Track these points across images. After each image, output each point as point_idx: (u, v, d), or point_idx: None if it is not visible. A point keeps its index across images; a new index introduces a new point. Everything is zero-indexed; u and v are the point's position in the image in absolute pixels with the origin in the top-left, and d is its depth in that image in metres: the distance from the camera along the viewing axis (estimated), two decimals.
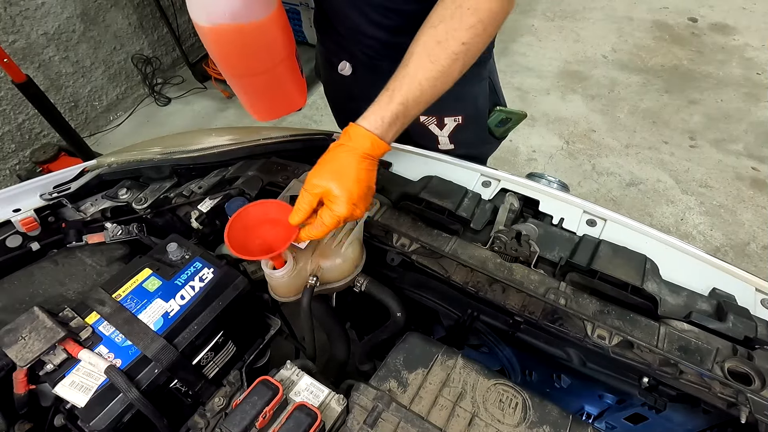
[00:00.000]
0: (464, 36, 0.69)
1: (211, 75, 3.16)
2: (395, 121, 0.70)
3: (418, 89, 0.70)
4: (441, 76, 0.71)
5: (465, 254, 0.82)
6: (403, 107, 0.70)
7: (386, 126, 0.70)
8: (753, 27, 3.49)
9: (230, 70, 0.88)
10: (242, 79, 0.90)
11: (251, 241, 0.72)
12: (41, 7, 2.56)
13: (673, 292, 0.77)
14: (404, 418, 0.64)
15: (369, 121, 0.70)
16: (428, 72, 0.70)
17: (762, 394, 0.64)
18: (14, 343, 0.62)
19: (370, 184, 0.71)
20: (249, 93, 0.94)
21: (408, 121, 0.72)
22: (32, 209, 0.95)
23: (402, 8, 0.90)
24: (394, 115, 0.70)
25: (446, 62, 0.70)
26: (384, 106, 0.70)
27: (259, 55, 0.84)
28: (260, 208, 0.74)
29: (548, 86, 3.17)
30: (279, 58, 0.87)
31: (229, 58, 0.85)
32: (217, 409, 0.72)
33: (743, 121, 2.82)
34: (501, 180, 0.96)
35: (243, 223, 0.72)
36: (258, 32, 0.80)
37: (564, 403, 0.70)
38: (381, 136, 0.69)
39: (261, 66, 0.87)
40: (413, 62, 0.70)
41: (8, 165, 2.70)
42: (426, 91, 0.71)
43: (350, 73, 1.08)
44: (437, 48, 0.69)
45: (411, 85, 0.70)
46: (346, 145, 0.69)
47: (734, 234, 2.29)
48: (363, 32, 0.97)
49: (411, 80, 0.70)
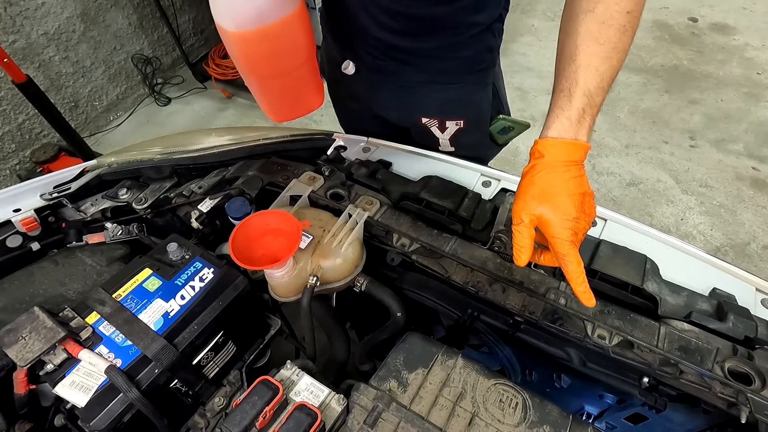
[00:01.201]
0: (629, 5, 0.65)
1: (211, 75, 3.16)
2: (583, 116, 0.65)
3: (596, 76, 0.65)
4: (614, 53, 0.66)
5: (465, 254, 0.82)
6: (587, 98, 0.65)
7: (575, 125, 0.64)
8: (753, 27, 3.49)
9: (254, 73, 0.88)
10: (264, 81, 0.91)
11: (255, 251, 0.73)
12: (41, 7, 2.56)
13: (674, 292, 0.77)
14: (404, 418, 0.64)
15: (555, 129, 0.65)
16: (600, 54, 0.65)
17: (762, 394, 0.64)
18: (14, 343, 0.62)
19: (583, 190, 0.63)
20: (269, 95, 0.94)
21: (596, 110, 0.66)
22: (32, 209, 0.95)
23: (411, 12, 0.90)
24: (580, 110, 0.64)
25: (615, 37, 0.65)
26: (565, 106, 0.65)
27: (283, 56, 0.84)
28: (262, 218, 0.75)
29: (548, 86, 3.16)
30: (302, 58, 0.87)
31: (254, 60, 0.84)
32: (217, 409, 0.72)
33: (743, 121, 2.82)
34: (501, 180, 0.96)
35: (246, 233, 0.73)
36: (283, 31, 0.79)
37: (564, 403, 0.70)
38: (574, 137, 0.64)
39: (285, 67, 0.87)
40: (581, 53, 0.65)
41: (8, 165, 2.70)
42: (605, 73, 0.65)
43: (353, 72, 1.08)
44: (602, 28, 0.65)
45: (587, 74, 0.65)
46: (543, 164, 0.64)
47: (734, 234, 2.29)
48: (369, 33, 0.97)
49: (585, 70, 0.65)
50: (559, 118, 0.65)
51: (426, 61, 0.99)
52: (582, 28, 0.66)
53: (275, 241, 0.74)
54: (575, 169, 0.64)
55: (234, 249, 0.69)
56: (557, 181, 0.62)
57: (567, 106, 0.65)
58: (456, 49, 0.96)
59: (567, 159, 0.63)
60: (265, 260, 0.71)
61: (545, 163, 0.64)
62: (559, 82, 0.67)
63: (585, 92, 0.64)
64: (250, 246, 0.73)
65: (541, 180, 0.63)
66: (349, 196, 0.94)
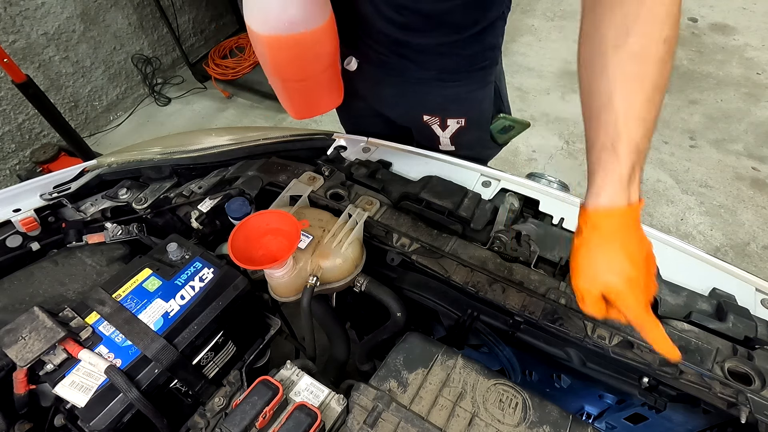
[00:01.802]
0: (664, 31, 0.54)
1: (211, 75, 3.16)
2: (633, 173, 0.56)
3: (641, 125, 0.55)
4: (657, 93, 0.56)
5: (465, 254, 0.82)
6: (635, 154, 0.55)
7: (626, 186, 0.56)
8: (753, 27, 3.49)
9: (279, 75, 0.89)
10: (288, 83, 0.92)
11: (255, 251, 0.73)
12: (41, 7, 2.56)
13: (673, 292, 0.77)
14: (404, 418, 0.64)
15: (606, 196, 0.56)
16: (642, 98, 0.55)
17: (762, 394, 0.64)
18: (14, 343, 0.62)
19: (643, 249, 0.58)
20: (291, 95, 0.96)
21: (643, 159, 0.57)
22: (32, 209, 0.95)
23: (416, 6, 0.90)
24: (629, 168, 0.55)
25: (656, 74, 0.55)
26: (612, 166, 0.56)
27: (310, 62, 0.86)
28: (261, 218, 0.75)
29: (548, 86, 3.17)
30: (328, 64, 0.89)
31: (282, 64, 0.86)
32: (217, 409, 0.72)
33: (743, 121, 2.82)
34: (501, 180, 0.96)
35: (246, 233, 0.73)
36: (313, 41, 0.82)
37: (564, 403, 0.70)
38: (627, 201, 0.56)
39: (310, 72, 0.89)
40: (618, 99, 0.55)
41: (8, 165, 2.70)
42: (648, 119, 0.56)
43: (356, 68, 1.08)
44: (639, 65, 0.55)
45: (630, 125, 0.55)
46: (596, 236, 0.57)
47: (734, 234, 2.29)
48: (373, 27, 0.97)
49: (628, 120, 0.55)
50: (608, 182, 0.56)
51: (429, 57, 0.99)
52: (613, 67, 0.55)
53: (275, 241, 0.74)
54: (634, 232, 0.57)
55: (233, 249, 0.69)
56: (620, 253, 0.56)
57: (614, 165, 0.56)
58: (459, 45, 0.96)
59: (619, 227, 0.57)
60: (264, 260, 0.71)
61: (603, 236, 0.57)
62: (596, 134, 0.57)
63: (632, 147, 0.55)
64: (250, 246, 0.73)
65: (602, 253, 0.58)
66: (349, 196, 0.94)
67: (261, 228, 0.75)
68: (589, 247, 0.58)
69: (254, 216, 0.75)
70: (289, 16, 0.76)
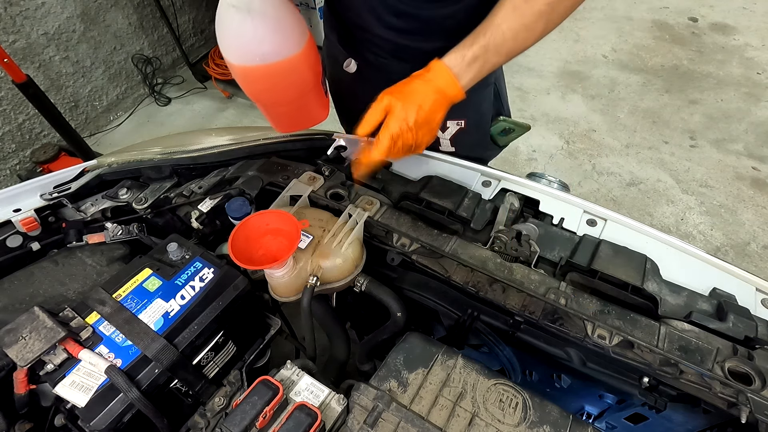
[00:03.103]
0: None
1: (211, 75, 3.16)
2: (474, 61, 0.74)
3: (500, 37, 0.74)
4: (523, 30, 0.74)
5: (465, 254, 0.82)
6: (483, 50, 0.74)
7: (465, 64, 0.74)
8: (753, 27, 3.49)
9: (259, 101, 0.90)
10: (268, 107, 0.93)
11: (255, 251, 0.73)
12: (41, 7, 2.56)
13: (674, 292, 0.77)
14: (404, 418, 0.64)
15: (450, 58, 0.74)
16: (512, 23, 0.73)
17: (762, 394, 0.64)
18: (15, 343, 0.62)
19: (432, 118, 0.75)
20: (272, 116, 0.96)
21: (486, 68, 0.76)
22: (32, 209, 0.95)
23: (417, 13, 0.90)
24: (473, 55, 0.74)
25: (531, 18, 0.73)
26: (466, 46, 0.74)
27: (287, 89, 0.87)
28: (261, 218, 0.75)
29: (548, 86, 3.18)
30: (306, 89, 0.89)
31: (259, 92, 0.87)
32: (217, 409, 0.72)
33: (743, 121, 2.82)
34: (501, 180, 0.96)
35: (246, 233, 0.73)
36: (289, 70, 0.82)
37: (564, 403, 0.70)
38: (458, 74, 0.74)
39: (289, 97, 0.89)
40: (500, 13, 0.74)
41: (8, 165, 2.70)
42: (507, 40, 0.74)
43: (355, 70, 1.08)
44: (524, 4, 0.73)
45: (495, 32, 0.73)
46: (424, 76, 0.74)
47: (734, 234, 2.30)
48: (373, 32, 0.97)
49: (495, 28, 0.73)
50: (456, 52, 0.75)
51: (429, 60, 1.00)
52: None
53: (275, 240, 0.75)
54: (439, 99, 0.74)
55: (234, 249, 0.69)
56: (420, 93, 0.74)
57: (468, 47, 0.74)
58: None
59: (440, 86, 0.74)
60: (264, 260, 0.71)
61: (425, 78, 0.75)
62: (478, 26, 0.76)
63: (485, 44, 0.74)
64: (250, 246, 0.73)
65: (413, 84, 0.75)
66: (349, 196, 0.94)
67: (261, 228, 0.75)
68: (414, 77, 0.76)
69: (254, 216, 0.75)
70: (262, 48, 0.76)
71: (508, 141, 1.16)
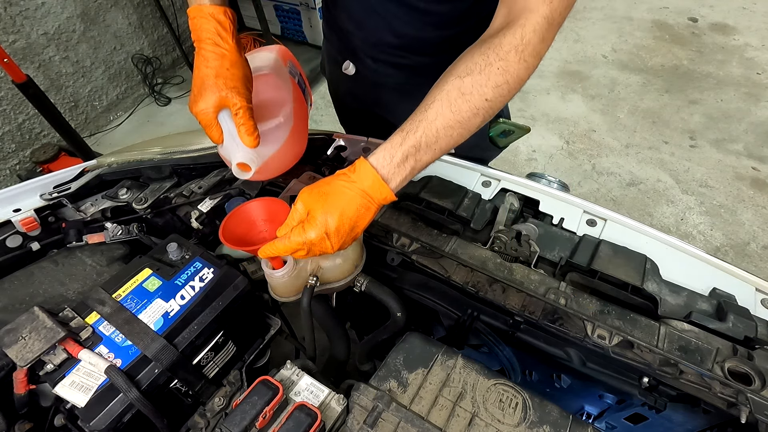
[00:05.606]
0: (489, 93, 0.67)
1: None
2: (404, 163, 0.66)
3: (433, 135, 0.66)
4: (459, 127, 0.67)
5: (465, 254, 0.82)
6: (414, 149, 0.66)
7: (394, 166, 0.66)
8: (753, 27, 3.49)
9: None
10: None
11: (250, 237, 0.73)
12: (41, 7, 2.56)
13: (673, 292, 0.77)
14: (404, 418, 0.64)
15: (377, 158, 0.66)
16: (447, 120, 0.66)
17: (762, 394, 0.64)
18: (14, 343, 0.62)
19: (356, 224, 0.66)
20: None
21: (418, 167, 0.68)
22: (32, 209, 0.95)
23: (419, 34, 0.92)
24: (404, 155, 0.66)
25: (467, 115, 0.67)
26: (396, 145, 0.66)
27: None
28: (257, 205, 0.75)
29: (548, 86, 3.18)
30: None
31: None
32: (217, 409, 0.72)
33: (743, 121, 2.82)
34: (501, 180, 0.96)
35: (240, 218, 0.74)
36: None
37: (564, 403, 0.70)
38: (386, 177, 0.65)
39: None
40: (433, 108, 0.67)
41: (8, 165, 2.70)
42: (441, 138, 0.67)
43: (354, 72, 1.09)
44: (460, 99, 0.66)
45: (427, 129, 0.66)
46: (349, 177, 0.66)
47: (734, 234, 2.29)
48: (371, 35, 0.97)
49: (428, 125, 0.66)
50: (385, 151, 0.66)
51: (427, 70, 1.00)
52: (446, 88, 0.67)
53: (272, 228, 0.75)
54: (365, 203, 0.66)
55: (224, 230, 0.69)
56: (343, 199, 0.65)
57: (397, 147, 0.66)
58: None
59: (366, 190, 0.65)
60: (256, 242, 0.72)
61: (350, 179, 0.66)
62: (408, 120, 0.68)
63: (416, 144, 0.66)
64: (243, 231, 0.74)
65: (336, 186, 0.66)
66: None
67: (256, 214, 0.76)
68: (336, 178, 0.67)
69: (250, 202, 0.76)
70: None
71: (508, 143, 1.16)
